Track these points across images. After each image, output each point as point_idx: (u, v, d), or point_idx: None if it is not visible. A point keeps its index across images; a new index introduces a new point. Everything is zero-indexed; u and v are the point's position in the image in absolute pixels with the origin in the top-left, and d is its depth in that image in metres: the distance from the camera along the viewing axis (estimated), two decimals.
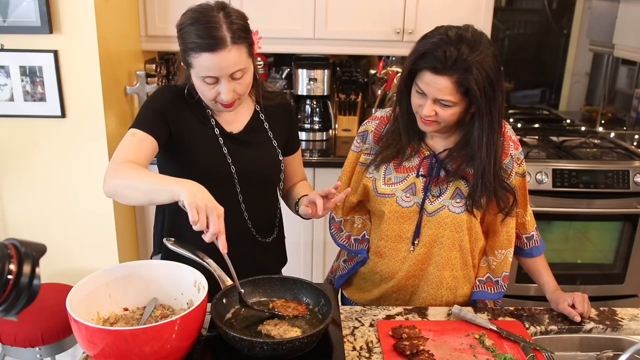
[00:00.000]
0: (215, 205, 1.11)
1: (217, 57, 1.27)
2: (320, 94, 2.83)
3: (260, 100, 1.52)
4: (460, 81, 1.28)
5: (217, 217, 1.09)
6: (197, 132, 1.43)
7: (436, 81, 1.29)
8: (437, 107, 1.34)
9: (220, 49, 1.26)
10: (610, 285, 2.76)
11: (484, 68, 1.28)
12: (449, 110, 1.34)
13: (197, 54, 1.28)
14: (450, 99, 1.31)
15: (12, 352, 1.98)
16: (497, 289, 1.51)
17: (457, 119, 1.37)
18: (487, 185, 1.38)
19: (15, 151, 2.31)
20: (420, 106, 1.36)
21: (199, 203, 1.08)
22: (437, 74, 1.29)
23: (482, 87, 1.28)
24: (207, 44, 1.26)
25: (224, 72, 1.30)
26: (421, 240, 1.46)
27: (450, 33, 1.30)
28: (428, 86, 1.32)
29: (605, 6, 3.22)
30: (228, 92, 1.32)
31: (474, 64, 1.27)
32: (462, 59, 1.26)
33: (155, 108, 1.40)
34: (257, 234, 1.52)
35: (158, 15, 2.62)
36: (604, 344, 1.38)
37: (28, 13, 2.12)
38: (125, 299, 1.25)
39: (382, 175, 1.48)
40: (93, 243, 2.42)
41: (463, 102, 1.33)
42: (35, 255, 0.78)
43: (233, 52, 1.28)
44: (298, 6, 2.63)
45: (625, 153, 2.77)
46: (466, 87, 1.29)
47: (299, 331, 1.19)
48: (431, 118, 1.36)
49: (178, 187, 1.12)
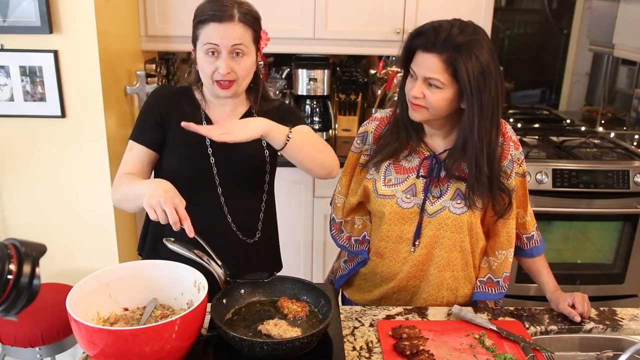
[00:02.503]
0: (169, 197, 1.18)
1: (222, 27, 1.36)
2: (320, 94, 2.82)
3: (258, 101, 1.53)
4: (449, 60, 1.29)
5: (171, 207, 1.16)
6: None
7: (425, 59, 1.32)
8: (425, 89, 1.33)
9: (226, 21, 1.36)
10: (610, 285, 2.76)
11: (473, 52, 1.29)
12: (437, 94, 1.33)
13: (206, 25, 1.37)
14: (438, 77, 1.31)
15: (12, 352, 1.98)
16: (497, 290, 1.51)
17: (446, 107, 1.35)
18: (482, 178, 1.37)
19: (15, 151, 2.31)
20: (411, 89, 1.36)
21: (152, 201, 1.17)
22: (427, 51, 1.32)
23: (471, 71, 1.29)
24: (216, 16, 1.36)
25: (225, 42, 1.36)
26: (422, 242, 1.46)
27: (444, 20, 1.34)
28: (418, 66, 1.34)
29: (605, 6, 3.22)
30: (226, 66, 1.37)
31: (463, 45, 1.29)
32: (451, 39, 1.29)
33: (150, 111, 1.48)
34: (238, 231, 1.52)
35: (158, 15, 2.62)
36: (604, 344, 1.38)
37: (28, 13, 2.12)
38: (125, 299, 1.25)
39: (382, 176, 1.48)
40: (93, 243, 2.42)
41: (452, 87, 1.32)
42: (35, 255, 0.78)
43: (238, 27, 1.37)
44: (298, 6, 2.63)
45: (625, 153, 2.77)
46: (454, 67, 1.29)
47: (299, 331, 1.19)
48: (419, 101, 1.35)
49: (143, 190, 1.22)
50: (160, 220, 1.17)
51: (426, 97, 1.34)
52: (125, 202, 1.36)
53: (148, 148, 1.46)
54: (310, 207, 2.64)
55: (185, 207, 1.20)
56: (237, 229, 1.52)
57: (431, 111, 1.36)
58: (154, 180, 1.28)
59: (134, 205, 1.31)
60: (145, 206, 1.18)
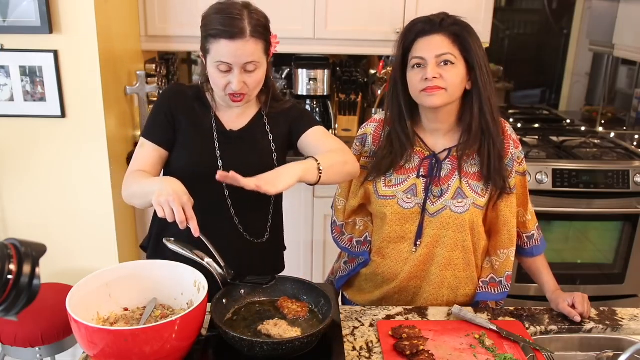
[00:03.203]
0: (178, 195, 1.19)
1: (234, 45, 1.33)
2: (320, 94, 2.82)
3: (268, 103, 1.52)
4: (455, 35, 1.36)
5: (179, 206, 1.17)
6: (195, 128, 1.48)
7: (432, 40, 1.37)
8: (439, 69, 1.35)
9: (238, 38, 1.33)
10: (610, 285, 2.76)
11: (472, 31, 1.39)
12: (452, 70, 1.36)
13: (216, 40, 1.34)
14: (449, 51, 1.36)
15: (12, 352, 1.98)
16: (500, 289, 1.51)
17: (460, 85, 1.38)
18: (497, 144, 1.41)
19: (15, 151, 2.31)
20: (423, 78, 1.36)
21: (160, 199, 1.18)
22: (429, 34, 1.37)
23: (477, 45, 1.37)
24: (227, 32, 1.33)
25: (238, 61, 1.34)
26: (423, 241, 1.46)
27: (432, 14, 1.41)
28: (425, 49, 1.37)
29: (605, 6, 3.22)
30: (238, 82, 1.36)
31: (461, 24, 1.38)
32: (448, 19, 1.38)
33: (162, 110, 1.48)
34: (245, 232, 1.52)
35: (158, 15, 2.62)
36: (604, 344, 1.38)
37: (28, 13, 2.12)
38: (125, 299, 1.25)
39: (383, 177, 1.48)
40: (93, 243, 2.42)
41: (462, 62, 1.37)
42: (35, 255, 0.78)
43: (250, 43, 1.34)
44: (298, 6, 2.62)
45: (625, 153, 2.77)
46: (461, 42, 1.36)
47: (299, 331, 1.19)
48: (437, 82, 1.35)
49: (153, 187, 1.24)
50: (168, 218, 1.18)
51: (443, 76, 1.35)
52: (135, 198, 1.37)
53: (159, 146, 1.46)
54: (310, 207, 2.64)
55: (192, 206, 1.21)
56: (244, 230, 1.52)
57: (449, 90, 1.37)
58: (165, 179, 1.28)
59: (143, 201, 1.32)
60: (154, 203, 1.20)
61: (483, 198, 1.44)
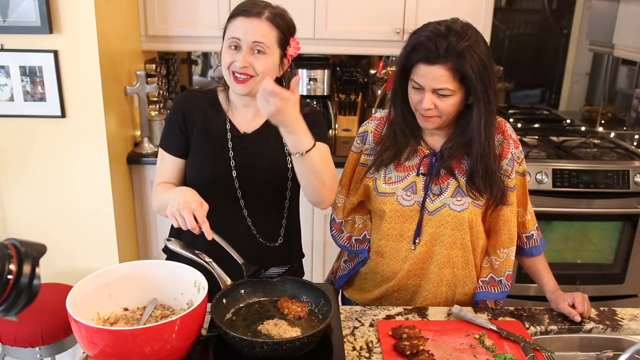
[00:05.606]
0: (188, 203, 1.24)
1: (248, 22, 1.38)
2: (320, 94, 2.82)
3: None
4: (456, 67, 1.30)
5: (189, 213, 1.23)
6: (209, 133, 1.49)
7: (431, 71, 1.31)
8: (435, 98, 1.34)
9: (254, 17, 1.38)
10: (610, 285, 2.76)
11: (475, 52, 1.31)
12: (448, 101, 1.34)
13: (233, 19, 1.40)
14: (448, 86, 1.32)
15: (12, 352, 1.98)
16: (500, 289, 1.51)
17: (456, 110, 1.37)
18: (489, 167, 1.39)
19: (16, 151, 2.31)
20: (419, 101, 1.36)
21: (172, 210, 1.25)
22: (431, 64, 1.31)
23: (477, 71, 1.31)
24: (245, 10, 1.39)
25: (247, 38, 1.37)
26: (422, 239, 1.46)
27: (439, 27, 1.33)
28: (424, 78, 1.33)
29: (605, 6, 3.22)
30: (243, 59, 1.38)
31: (465, 49, 1.30)
32: (452, 47, 1.29)
33: (175, 119, 1.50)
34: (258, 234, 1.52)
35: (158, 15, 2.62)
36: (604, 344, 1.38)
37: (28, 13, 2.12)
38: (125, 299, 1.25)
39: (383, 174, 1.49)
40: (93, 243, 2.42)
41: (460, 90, 1.34)
42: (35, 255, 0.78)
43: (263, 25, 1.38)
44: (298, 6, 2.62)
45: (625, 153, 2.77)
46: (462, 73, 1.31)
47: (299, 331, 1.19)
48: (431, 112, 1.36)
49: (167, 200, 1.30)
50: (182, 226, 1.24)
51: (437, 107, 1.35)
52: (161, 211, 1.40)
53: (176, 156, 1.50)
54: (310, 207, 2.64)
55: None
56: (257, 232, 1.52)
57: (443, 118, 1.37)
58: (178, 189, 1.34)
59: (164, 213, 1.35)
60: (169, 215, 1.27)
61: (482, 197, 1.44)
